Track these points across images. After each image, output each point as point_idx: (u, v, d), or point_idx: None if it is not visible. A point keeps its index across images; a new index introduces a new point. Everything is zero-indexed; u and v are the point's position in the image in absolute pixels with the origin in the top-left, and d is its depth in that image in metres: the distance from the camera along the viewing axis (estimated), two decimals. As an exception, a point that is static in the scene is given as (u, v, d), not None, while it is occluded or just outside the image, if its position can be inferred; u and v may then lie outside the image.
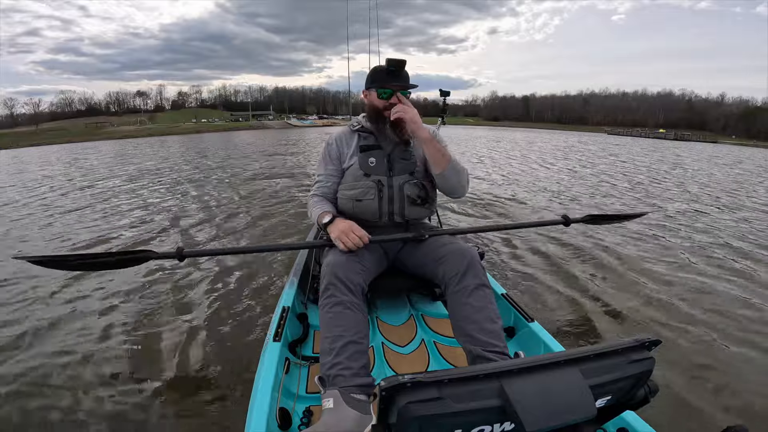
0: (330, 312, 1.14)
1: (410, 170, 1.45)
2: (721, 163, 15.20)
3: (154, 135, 40.62)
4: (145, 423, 1.49)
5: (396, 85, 1.40)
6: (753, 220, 5.10)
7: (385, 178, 1.43)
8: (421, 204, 1.45)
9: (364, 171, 1.43)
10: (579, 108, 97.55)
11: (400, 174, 1.44)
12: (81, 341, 2.05)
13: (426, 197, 1.45)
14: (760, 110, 72.89)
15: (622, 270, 3.04)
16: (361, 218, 1.43)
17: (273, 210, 5.01)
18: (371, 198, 1.41)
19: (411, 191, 1.43)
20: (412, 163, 1.46)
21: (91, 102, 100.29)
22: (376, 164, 1.44)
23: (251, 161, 11.34)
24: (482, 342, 1.11)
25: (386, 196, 1.42)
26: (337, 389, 0.99)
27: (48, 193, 6.73)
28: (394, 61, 1.39)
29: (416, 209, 1.45)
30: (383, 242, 1.40)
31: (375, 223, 1.45)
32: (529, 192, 6.67)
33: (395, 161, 1.44)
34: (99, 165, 11.86)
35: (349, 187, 1.46)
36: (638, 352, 0.73)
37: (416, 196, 1.43)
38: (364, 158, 1.45)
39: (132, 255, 1.31)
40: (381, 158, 1.44)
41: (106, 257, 1.31)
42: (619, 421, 0.97)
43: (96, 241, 3.86)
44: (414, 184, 1.43)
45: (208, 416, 1.51)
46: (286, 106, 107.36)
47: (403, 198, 1.43)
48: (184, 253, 1.33)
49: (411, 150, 1.48)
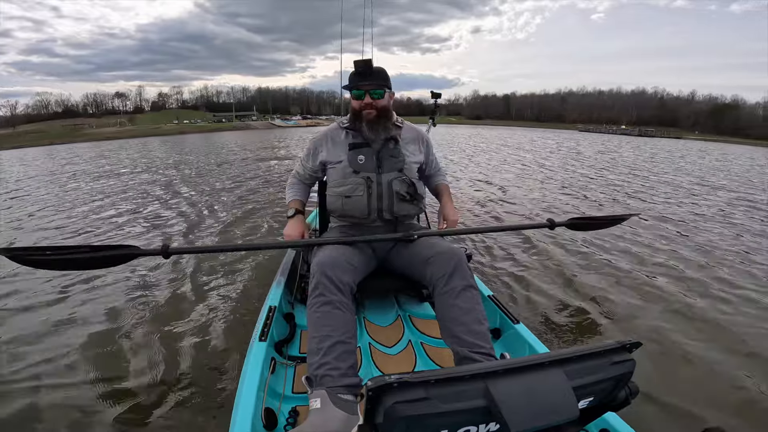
0: (318, 311, 1.14)
1: (399, 167, 1.48)
2: (648, 152, 18.01)
3: (137, 136, 40.62)
4: (126, 424, 1.49)
5: (366, 86, 1.44)
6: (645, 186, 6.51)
7: (374, 174, 1.45)
8: (410, 200, 1.47)
9: (354, 168, 1.46)
10: (557, 106, 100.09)
11: (389, 171, 1.47)
12: (61, 340, 2.06)
13: (414, 193, 1.48)
14: (728, 107, 76.27)
15: (606, 271, 3.15)
16: (350, 215, 1.47)
17: (261, 210, 5.10)
18: (360, 194, 1.43)
19: (399, 187, 1.45)
20: (400, 160, 1.49)
21: (68, 104, 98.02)
22: (365, 161, 1.46)
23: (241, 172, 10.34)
24: (469, 343, 1.13)
25: (375, 193, 1.44)
26: (325, 389, 0.99)
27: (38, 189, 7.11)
28: (361, 62, 1.44)
29: (405, 206, 1.47)
30: (372, 242, 1.44)
31: (364, 220, 1.47)
32: (463, 171, 8.19)
33: (384, 158, 1.47)
34: (92, 167, 12.25)
35: (338, 183, 1.48)
36: (619, 354, 0.75)
37: (405, 192, 1.46)
38: (354, 155, 1.47)
39: (116, 251, 1.27)
40: (370, 156, 1.47)
41: (89, 251, 1.26)
42: (601, 422, 0.98)
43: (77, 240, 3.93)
44: (402, 180, 1.46)
45: (192, 417, 1.51)
46: (270, 106, 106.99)
47: (392, 194, 1.45)
48: (169, 250, 1.31)
49: (399, 148, 1.51)
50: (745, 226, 4.86)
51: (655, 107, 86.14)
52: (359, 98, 1.46)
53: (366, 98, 1.45)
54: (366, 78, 1.45)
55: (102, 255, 1.27)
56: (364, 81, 1.45)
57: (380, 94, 1.46)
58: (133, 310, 2.36)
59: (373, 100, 1.45)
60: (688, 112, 79.89)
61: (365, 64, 1.44)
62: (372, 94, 1.45)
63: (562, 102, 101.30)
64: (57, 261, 1.23)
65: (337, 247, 1.34)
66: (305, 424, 0.94)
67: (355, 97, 1.47)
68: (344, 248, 1.34)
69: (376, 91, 1.45)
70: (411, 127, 1.65)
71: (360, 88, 1.45)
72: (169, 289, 2.64)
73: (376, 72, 1.46)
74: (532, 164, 11.36)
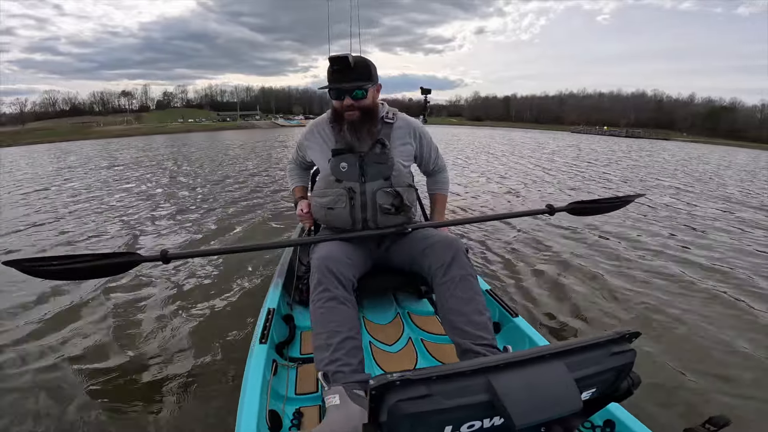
0: (323, 307, 1.12)
1: (385, 175, 1.37)
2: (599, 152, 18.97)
3: (145, 134, 42.08)
4: (128, 428, 1.49)
5: (345, 86, 1.31)
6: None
7: (357, 184, 1.36)
8: (395, 213, 1.38)
9: (336, 176, 1.37)
10: (556, 108, 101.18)
11: (374, 180, 1.36)
12: (62, 343, 2.06)
13: (401, 205, 1.38)
14: (724, 110, 77.15)
15: (604, 262, 3.20)
16: (334, 226, 1.42)
17: (258, 213, 5.03)
18: (342, 206, 1.36)
19: (383, 200, 1.36)
20: (387, 167, 1.38)
21: (75, 102, 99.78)
22: (347, 169, 1.36)
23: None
24: (471, 335, 1.11)
25: (358, 204, 1.36)
26: (341, 385, 0.98)
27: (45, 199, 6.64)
28: (336, 58, 1.28)
29: (390, 218, 1.38)
30: (366, 237, 1.39)
31: (349, 230, 1.41)
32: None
33: (368, 165, 1.36)
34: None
35: (320, 194, 1.41)
36: (619, 344, 0.76)
37: (389, 204, 1.36)
38: (336, 163, 1.37)
39: (117, 258, 1.30)
40: (353, 163, 1.36)
41: (90, 260, 1.27)
42: (605, 413, 0.98)
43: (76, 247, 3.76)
44: (387, 192, 1.36)
45: (196, 421, 1.51)
46: (273, 106, 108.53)
47: (376, 206, 1.36)
48: (168, 255, 1.33)
49: (387, 152, 1.38)
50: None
51: (652, 110, 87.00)
52: (339, 99, 1.34)
53: (346, 99, 1.32)
54: (345, 76, 1.30)
55: (104, 263, 1.28)
56: (343, 80, 1.30)
57: (362, 94, 1.32)
58: (129, 314, 2.37)
59: (354, 100, 1.33)
60: (685, 115, 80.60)
61: (341, 62, 1.28)
62: (354, 94, 1.32)
63: (560, 104, 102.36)
64: (63, 271, 1.26)
65: (335, 242, 1.32)
66: (325, 422, 0.92)
67: (334, 98, 1.35)
68: (341, 244, 1.31)
69: (356, 92, 1.31)
70: (405, 119, 1.51)
71: (337, 87, 1.31)
72: (166, 293, 2.63)
73: (357, 66, 1.31)
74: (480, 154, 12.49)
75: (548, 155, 14.68)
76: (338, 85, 1.32)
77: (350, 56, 1.28)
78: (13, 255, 3.60)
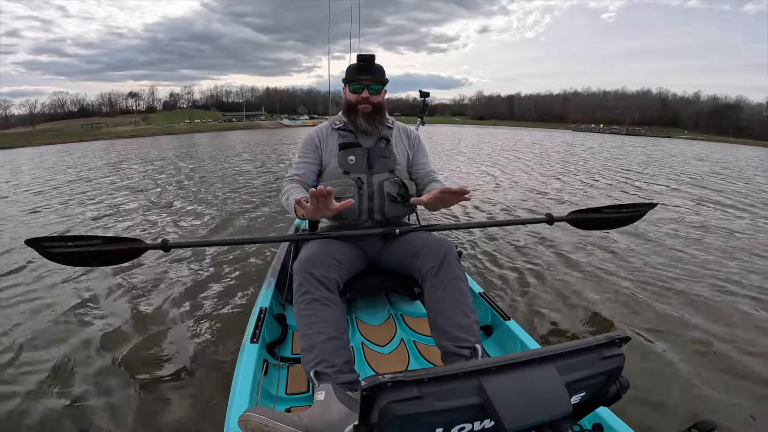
0: (306, 309, 1.14)
1: (390, 168, 1.47)
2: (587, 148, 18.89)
3: (155, 135, 43.07)
4: (114, 428, 1.48)
5: (366, 80, 1.45)
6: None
7: (365, 175, 1.43)
8: (402, 202, 1.45)
9: (344, 169, 1.44)
10: (560, 106, 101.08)
11: (380, 172, 1.45)
12: (51, 337, 2.07)
13: (406, 195, 1.46)
14: (729, 108, 76.82)
15: (596, 267, 3.18)
16: (341, 216, 1.44)
17: (258, 208, 5.27)
18: (351, 196, 1.40)
19: (391, 189, 1.44)
20: (392, 160, 1.48)
21: (84, 103, 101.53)
22: (355, 162, 1.44)
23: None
24: (453, 337, 1.12)
25: (366, 194, 1.42)
26: (330, 384, 1.00)
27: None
28: (364, 56, 1.47)
29: (396, 207, 1.46)
30: (356, 237, 1.41)
31: (355, 222, 1.45)
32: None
33: (375, 159, 1.46)
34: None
35: (328, 185, 1.33)
36: (609, 348, 0.76)
37: (396, 193, 1.44)
38: (344, 156, 1.45)
39: (123, 244, 1.35)
40: (360, 156, 1.45)
41: (101, 243, 1.32)
42: (594, 417, 0.99)
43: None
44: (394, 182, 1.45)
45: (185, 420, 1.50)
46: (278, 106, 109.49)
47: (383, 196, 1.43)
48: (169, 244, 1.37)
49: (391, 148, 1.50)
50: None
51: (657, 108, 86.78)
52: (356, 92, 1.47)
53: (364, 92, 1.46)
54: (366, 72, 1.46)
55: (112, 249, 1.33)
56: (365, 75, 1.46)
57: (378, 89, 1.48)
58: (122, 309, 2.38)
59: (370, 95, 1.47)
60: (689, 113, 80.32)
61: (367, 59, 1.46)
62: (370, 89, 1.46)
63: (564, 102, 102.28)
64: (74, 255, 1.30)
65: (321, 244, 1.34)
66: (305, 412, 0.94)
67: (352, 91, 1.48)
68: (329, 245, 1.34)
69: (374, 86, 1.47)
70: (402, 125, 1.65)
71: (360, 81, 1.46)
72: (159, 288, 2.64)
73: (376, 68, 1.48)
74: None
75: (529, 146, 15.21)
76: (361, 76, 1.48)
77: (375, 56, 1.49)
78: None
